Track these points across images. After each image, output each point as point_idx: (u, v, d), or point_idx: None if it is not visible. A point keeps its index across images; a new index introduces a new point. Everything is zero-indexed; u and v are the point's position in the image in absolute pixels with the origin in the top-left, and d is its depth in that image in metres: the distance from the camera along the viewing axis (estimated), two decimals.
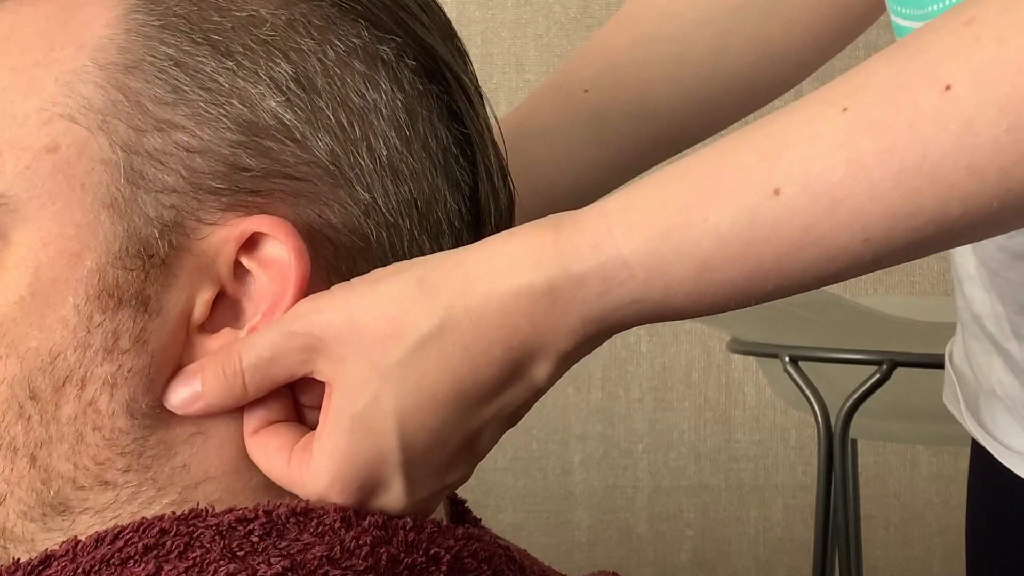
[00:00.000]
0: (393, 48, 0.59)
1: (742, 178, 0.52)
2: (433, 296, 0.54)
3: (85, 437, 0.57)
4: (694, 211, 0.52)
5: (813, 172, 0.51)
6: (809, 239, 0.51)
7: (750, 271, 0.52)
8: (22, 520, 0.58)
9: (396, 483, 0.55)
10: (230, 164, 0.56)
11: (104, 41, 0.57)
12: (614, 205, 0.54)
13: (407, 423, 0.54)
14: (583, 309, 0.54)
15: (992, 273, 0.74)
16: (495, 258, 0.54)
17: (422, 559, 0.55)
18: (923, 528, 2.19)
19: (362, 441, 0.55)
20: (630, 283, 0.53)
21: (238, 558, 0.54)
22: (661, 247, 0.52)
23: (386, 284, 0.55)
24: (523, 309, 0.54)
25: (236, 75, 0.57)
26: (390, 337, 0.54)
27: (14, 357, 0.56)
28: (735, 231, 0.52)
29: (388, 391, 0.54)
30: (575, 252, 0.53)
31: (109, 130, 0.56)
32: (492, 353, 0.54)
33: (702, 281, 0.52)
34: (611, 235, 0.53)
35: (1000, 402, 0.77)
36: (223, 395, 0.56)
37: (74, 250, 0.56)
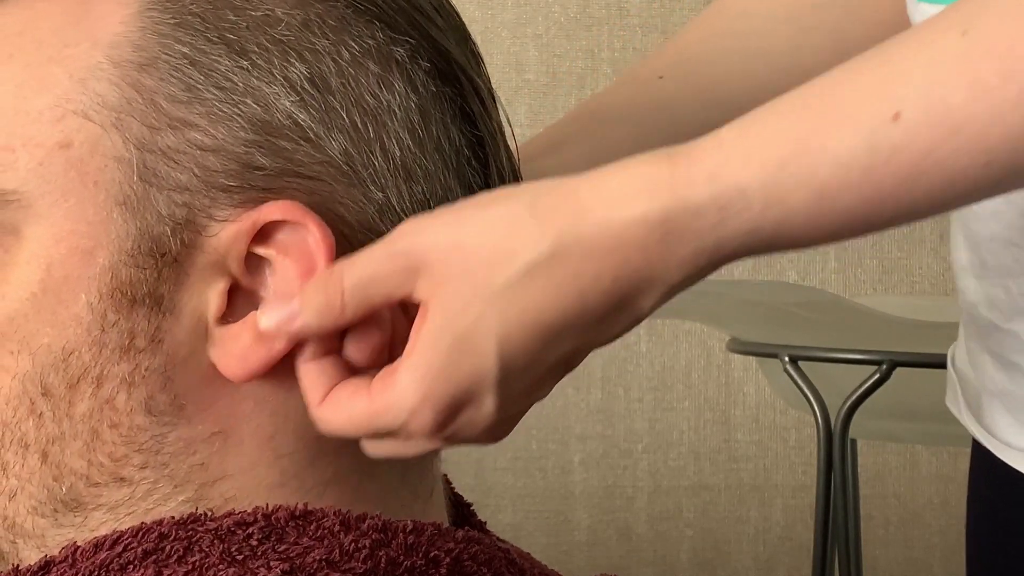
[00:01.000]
0: (407, 49, 0.59)
1: (861, 104, 0.51)
2: (544, 222, 0.53)
3: (101, 434, 0.57)
4: (812, 138, 0.52)
5: (934, 95, 0.50)
6: (929, 164, 0.51)
7: (869, 198, 0.52)
8: (33, 516, 0.58)
9: (488, 401, 0.55)
10: (243, 163, 0.56)
11: (119, 38, 0.57)
12: (729, 135, 0.53)
13: (508, 346, 0.54)
14: (697, 241, 0.53)
15: (1006, 245, 0.73)
16: (609, 187, 0.54)
17: (421, 562, 0.55)
18: (923, 528, 2.19)
19: (460, 361, 0.54)
20: (746, 213, 0.52)
21: (237, 562, 0.54)
22: (778, 176, 0.52)
23: (494, 208, 0.55)
24: (636, 240, 0.53)
25: (251, 74, 0.57)
26: (497, 261, 0.53)
27: (26, 353, 0.56)
28: (854, 157, 0.51)
29: (492, 314, 0.53)
30: (691, 182, 0.53)
31: (123, 127, 0.56)
32: (601, 283, 0.53)
33: (819, 209, 0.52)
34: (728, 164, 0.52)
35: (997, 400, 0.78)
36: (322, 314, 0.55)
37: (86, 247, 0.56)
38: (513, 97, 2.14)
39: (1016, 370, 0.75)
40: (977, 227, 0.75)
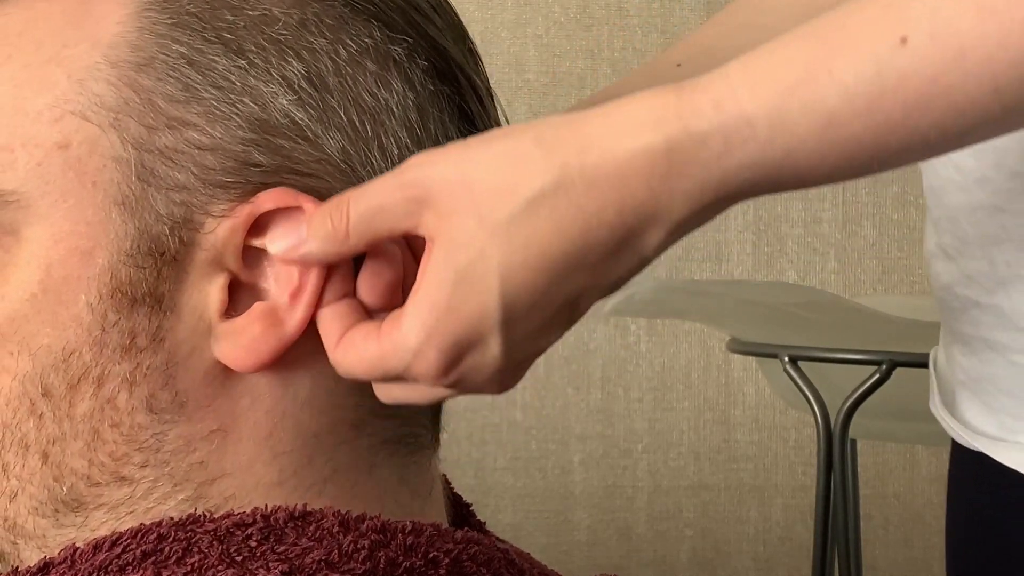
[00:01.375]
0: (405, 48, 0.59)
1: (868, 30, 0.51)
2: (549, 153, 0.53)
3: (102, 434, 0.57)
4: (819, 65, 0.51)
5: (941, 19, 0.50)
6: (938, 90, 0.50)
7: (876, 126, 0.51)
8: (34, 516, 0.58)
9: (493, 342, 0.54)
10: (241, 161, 0.57)
11: (116, 39, 0.57)
12: (736, 66, 0.53)
13: (511, 281, 0.53)
14: (702, 172, 0.52)
15: (993, 212, 0.72)
16: (614, 119, 0.53)
17: (420, 562, 0.55)
18: (922, 528, 2.19)
19: (463, 296, 0.53)
20: (752, 143, 0.52)
21: (236, 563, 0.54)
22: (785, 103, 0.51)
23: (502, 141, 0.54)
24: (641, 170, 0.52)
25: (248, 73, 0.57)
26: (502, 193, 0.53)
27: (26, 354, 0.56)
28: (861, 83, 0.51)
29: (495, 247, 0.53)
30: (696, 111, 0.52)
31: (121, 127, 0.56)
32: (605, 215, 0.53)
33: (826, 139, 0.51)
34: (733, 93, 0.52)
35: (967, 390, 0.78)
36: (326, 241, 0.55)
37: (85, 248, 0.56)
38: (513, 97, 2.14)
39: (989, 348, 0.75)
40: (960, 199, 0.75)
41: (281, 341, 0.57)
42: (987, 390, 0.76)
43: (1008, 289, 0.73)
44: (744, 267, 2.16)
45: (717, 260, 2.17)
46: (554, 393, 2.16)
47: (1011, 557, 0.78)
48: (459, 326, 0.54)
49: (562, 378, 2.16)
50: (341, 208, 0.55)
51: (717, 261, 2.17)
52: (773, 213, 2.18)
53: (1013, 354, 0.73)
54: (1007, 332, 0.73)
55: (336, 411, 0.59)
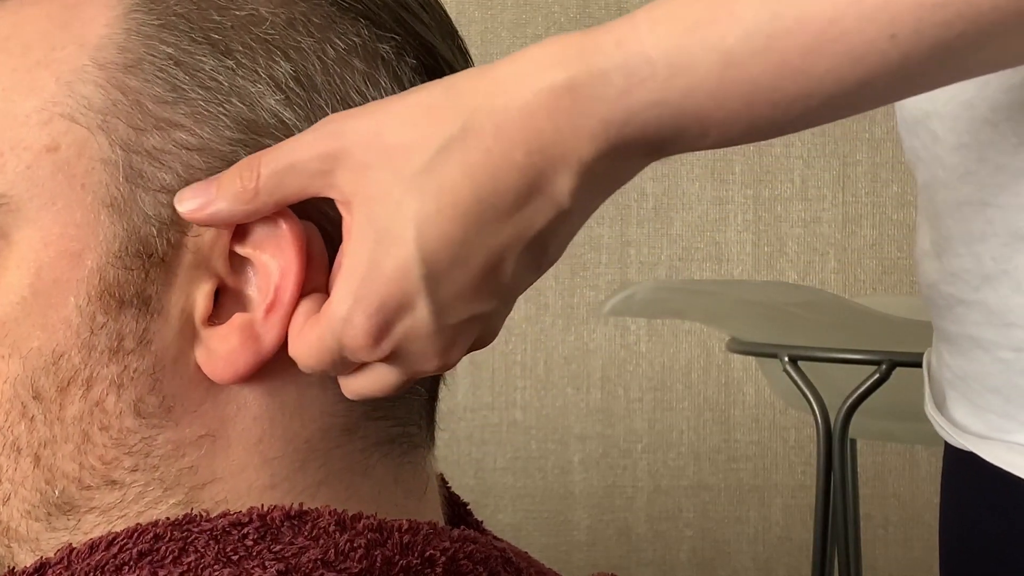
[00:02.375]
0: (393, 46, 0.59)
1: None
2: (458, 100, 0.53)
3: (92, 437, 0.57)
4: (719, 6, 0.51)
5: None
6: (834, 33, 0.50)
7: (774, 69, 0.51)
8: (26, 519, 0.58)
9: (420, 302, 0.54)
10: (229, 162, 0.56)
11: (104, 40, 0.57)
12: (642, 9, 0.53)
13: (427, 232, 0.53)
14: (604, 109, 0.52)
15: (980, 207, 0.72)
16: (521, 61, 0.54)
17: (417, 561, 0.55)
18: (922, 528, 2.19)
19: (384, 253, 0.53)
20: (651, 81, 0.52)
21: (233, 562, 0.54)
22: (685, 42, 0.52)
23: (415, 94, 0.54)
24: (545, 108, 0.52)
25: (236, 74, 0.57)
26: (415, 143, 0.53)
27: (17, 357, 0.56)
28: (759, 25, 0.51)
29: (410, 198, 0.53)
30: (598, 49, 0.53)
31: (109, 129, 0.56)
32: (513, 157, 0.53)
33: (725, 79, 0.52)
34: (635, 32, 0.52)
35: (953, 388, 0.78)
36: (235, 201, 0.55)
37: (75, 250, 0.56)
38: None
39: (976, 346, 0.74)
40: (945, 196, 0.74)
41: (258, 356, 0.57)
42: (974, 388, 0.76)
43: (994, 284, 0.72)
44: (744, 267, 2.16)
45: (717, 260, 2.17)
46: (554, 393, 2.16)
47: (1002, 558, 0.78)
48: (382, 286, 0.54)
49: (562, 378, 2.16)
50: (253, 166, 0.55)
51: (717, 261, 2.17)
52: (773, 213, 2.18)
53: (1000, 351, 0.73)
54: (993, 328, 0.73)
55: (326, 417, 0.59)
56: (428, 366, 0.56)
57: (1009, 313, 0.72)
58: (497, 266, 0.54)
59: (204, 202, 0.55)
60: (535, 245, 0.55)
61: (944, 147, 0.74)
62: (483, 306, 0.55)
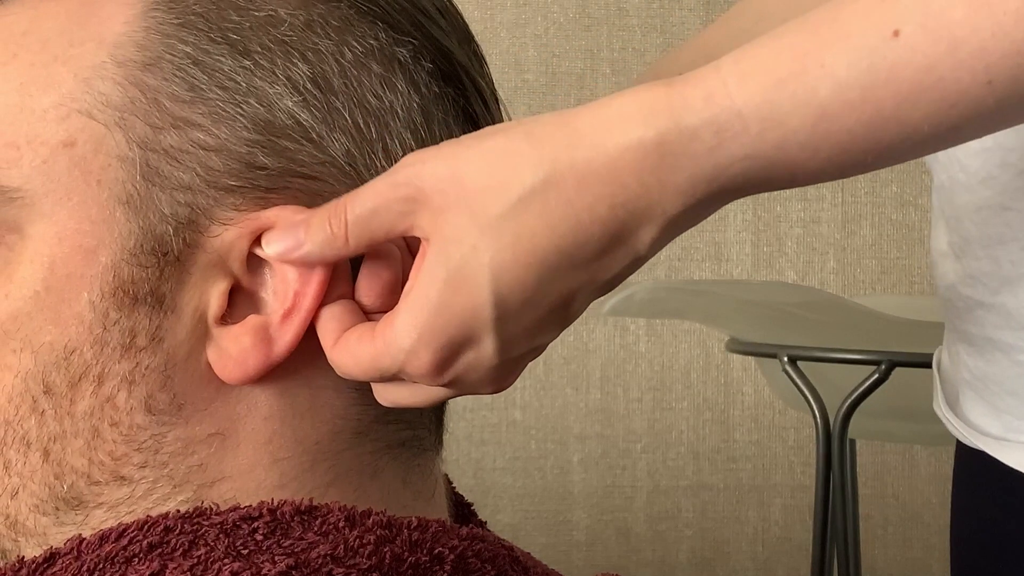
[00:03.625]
0: (410, 50, 0.59)
1: (860, 22, 0.51)
2: (539, 149, 0.53)
3: (102, 433, 0.57)
4: (810, 58, 0.51)
5: (933, 10, 0.50)
6: (930, 81, 0.50)
7: (869, 119, 0.51)
8: (35, 514, 0.58)
9: (487, 340, 0.54)
10: (246, 162, 0.56)
11: (123, 38, 0.57)
12: (728, 59, 0.53)
13: (502, 277, 0.53)
14: (693, 165, 0.52)
15: (998, 211, 0.72)
16: (605, 113, 0.53)
17: (426, 558, 0.55)
18: (921, 528, 2.19)
19: (454, 293, 0.53)
20: (743, 136, 0.51)
21: (242, 556, 0.54)
22: (776, 96, 0.51)
23: (492, 138, 0.54)
24: (631, 164, 0.52)
25: (253, 74, 0.57)
26: (493, 189, 0.53)
27: (28, 351, 0.56)
28: (853, 75, 0.50)
29: (486, 244, 0.53)
30: (686, 105, 0.52)
31: (126, 127, 0.56)
32: (596, 211, 0.53)
33: (818, 132, 0.51)
34: (724, 86, 0.52)
35: (971, 389, 0.77)
36: (325, 245, 0.55)
37: (89, 246, 0.56)
38: (512, 97, 2.14)
39: (995, 348, 0.75)
40: (965, 199, 0.75)
41: (268, 359, 0.57)
42: (992, 390, 0.76)
43: (1014, 288, 0.73)
44: (743, 267, 2.16)
45: (716, 260, 2.17)
46: (553, 393, 2.16)
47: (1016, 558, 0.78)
48: (451, 324, 0.54)
49: (561, 378, 2.16)
50: (339, 212, 0.55)
51: (716, 261, 2.17)
52: (772, 213, 2.18)
53: (1018, 354, 0.73)
54: (1012, 332, 0.73)
55: (338, 420, 0.59)
56: (483, 391, 0.57)
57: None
58: (568, 305, 0.55)
59: (293, 245, 0.56)
60: (605, 285, 0.55)
61: (965, 151, 0.74)
62: (545, 339, 0.56)
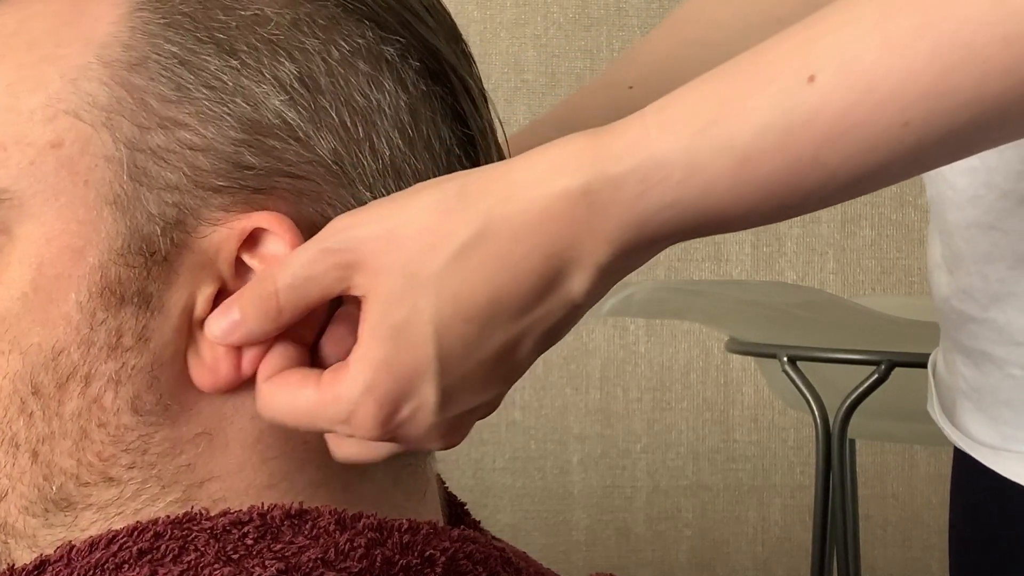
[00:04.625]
0: (397, 49, 0.59)
1: (778, 68, 0.51)
2: (473, 204, 0.54)
3: (89, 433, 0.57)
4: (729, 105, 0.51)
5: (847, 55, 0.50)
6: (847, 125, 0.50)
7: (789, 164, 0.51)
8: (24, 516, 0.58)
9: (428, 392, 0.55)
10: (233, 162, 0.56)
11: (109, 38, 0.57)
12: (651, 108, 0.53)
13: (444, 333, 0.54)
14: (620, 214, 0.53)
15: (986, 230, 0.72)
16: (535, 166, 0.54)
17: (417, 561, 0.55)
18: (921, 528, 2.19)
19: (399, 350, 0.54)
20: (667, 183, 0.52)
21: (233, 561, 0.54)
22: (698, 142, 0.52)
23: (425, 195, 0.55)
24: (561, 214, 0.53)
25: (240, 74, 0.57)
26: (429, 247, 0.53)
27: (16, 353, 0.56)
28: (771, 122, 0.51)
29: (426, 301, 0.54)
30: (611, 154, 0.53)
31: (113, 127, 0.56)
32: (530, 261, 0.53)
33: (740, 178, 0.52)
34: (647, 135, 0.52)
35: (968, 399, 0.77)
36: (260, 319, 0.56)
37: (77, 246, 0.56)
38: (512, 97, 2.14)
39: (988, 361, 0.75)
40: (955, 216, 0.75)
41: (237, 372, 0.57)
42: (988, 401, 0.76)
43: (1002, 304, 0.73)
44: (743, 267, 2.16)
45: (716, 260, 2.17)
46: (553, 393, 2.16)
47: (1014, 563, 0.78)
48: (397, 379, 0.54)
49: (561, 378, 2.16)
50: (267, 284, 0.55)
51: (716, 261, 2.17)
52: None
53: (1010, 367, 0.73)
54: (1003, 346, 0.73)
55: None
56: (430, 446, 0.57)
57: (1018, 333, 0.72)
58: (508, 358, 0.55)
59: (232, 325, 0.56)
60: (546, 336, 0.56)
61: (952, 169, 0.74)
62: (489, 394, 0.56)
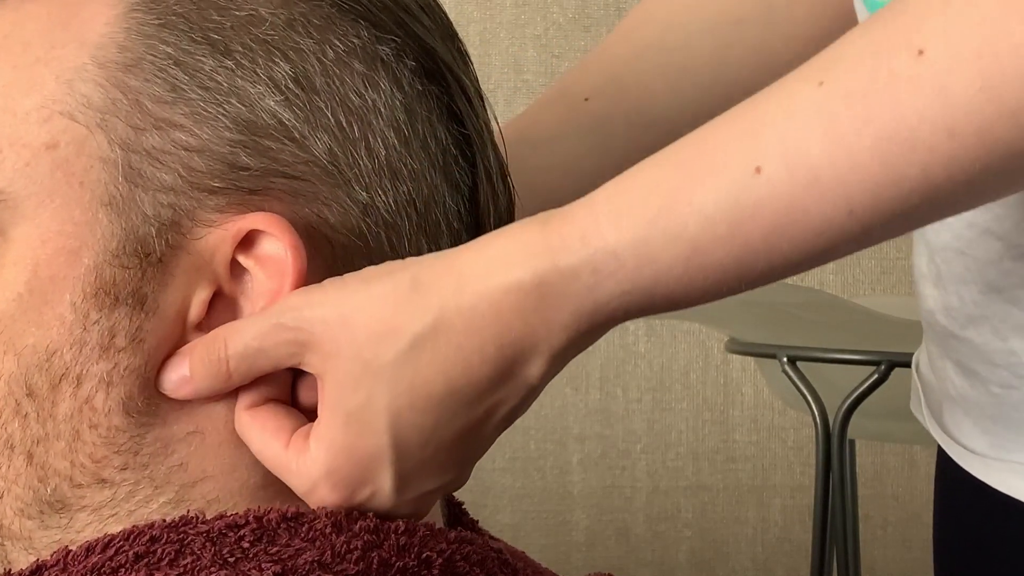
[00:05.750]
0: (393, 48, 0.59)
1: (724, 158, 0.52)
2: (426, 296, 0.54)
3: (82, 435, 0.57)
4: (679, 194, 0.52)
5: (792, 147, 0.50)
6: (794, 215, 0.51)
7: (739, 252, 0.52)
8: (19, 517, 0.58)
9: (385, 481, 0.55)
10: (228, 163, 0.56)
11: (104, 39, 0.57)
12: (600, 196, 0.54)
13: (399, 422, 0.54)
14: (574, 303, 0.53)
15: (957, 254, 0.73)
16: (486, 256, 0.54)
17: (414, 563, 0.55)
18: (921, 528, 2.19)
19: (356, 438, 0.55)
20: (620, 273, 0.53)
21: (229, 564, 0.54)
22: (649, 233, 0.52)
23: (379, 283, 0.55)
24: (514, 306, 0.54)
25: (235, 74, 0.57)
26: (383, 336, 0.54)
27: (11, 354, 0.56)
28: (720, 212, 0.51)
29: (381, 390, 0.54)
30: (563, 245, 0.53)
31: (108, 128, 0.56)
32: (484, 352, 0.54)
33: (692, 266, 0.52)
34: (598, 226, 0.53)
35: (958, 405, 0.77)
36: (209, 380, 0.56)
37: (72, 248, 0.56)
38: (512, 97, 2.14)
39: (975, 377, 0.75)
40: (932, 236, 0.75)
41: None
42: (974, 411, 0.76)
43: (976, 326, 0.73)
44: None
45: None
46: (552, 393, 2.16)
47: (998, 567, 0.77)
48: (354, 465, 0.55)
49: (560, 378, 2.15)
50: (217, 347, 0.56)
51: None
52: None
53: (990, 385, 0.74)
54: (982, 364, 0.74)
55: None
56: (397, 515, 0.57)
57: (993, 355, 0.72)
58: (467, 440, 0.56)
59: (182, 380, 0.57)
60: (505, 418, 0.56)
61: None
62: (450, 475, 0.57)
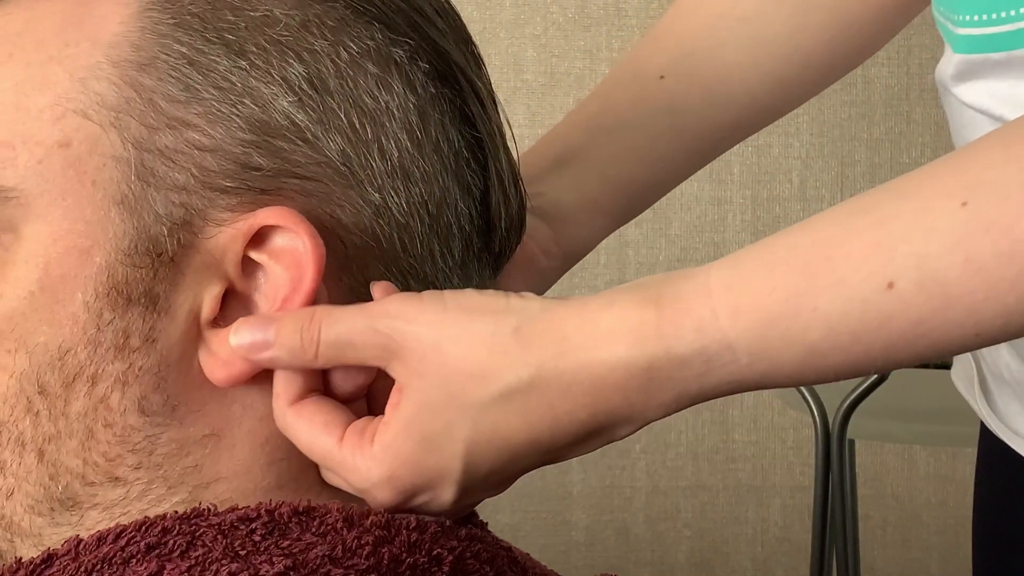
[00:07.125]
0: (406, 50, 0.59)
1: (854, 268, 0.51)
2: (526, 350, 0.54)
3: (95, 433, 0.57)
4: (803, 299, 0.52)
5: (929, 268, 0.50)
6: (919, 332, 0.51)
7: (856, 359, 0.52)
8: (29, 514, 0.58)
9: (447, 493, 0.56)
10: (241, 163, 0.56)
11: (118, 38, 0.57)
12: (718, 284, 0.53)
13: (474, 454, 0.55)
14: (680, 387, 0.54)
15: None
16: (593, 326, 0.54)
17: (424, 559, 0.55)
18: (920, 528, 2.19)
19: (427, 454, 0.55)
20: (732, 366, 0.53)
21: (240, 557, 0.54)
22: (768, 333, 0.52)
23: (481, 322, 0.55)
24: (617, 383, 0.54)
25: (249, 75, 0.57)
26: (474, 377, 0.54)
27: (23, 352, 0.56)
28: (845, 322, 0.51)
29: (462, 424, 0.55)
30: (677, 333, 0.53)
31: (121, 127, 0.56)
32: (576, 416, 0.55)
33: (806, 366, 0.53)
34: (715, 318, 0.53)
35: (1009, 387, 0.77)
36: (292, 355, 0.56)
37: (84, 246, 0.56)
38: (511, 97, 2.14)
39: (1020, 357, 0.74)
40: None
41: (253, 366, 0.57)
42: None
43: None
44: None
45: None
46: None
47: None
48: (420, 477, 0.56)
49: None
50: (313, 328, 0.56)
51: None
52: (772, 214, 2.18)
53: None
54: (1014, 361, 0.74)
55: None
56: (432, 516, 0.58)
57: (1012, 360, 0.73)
58: (527, 471, 0.57)
59: (260, 343, 0.56)
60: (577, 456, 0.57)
61: None
62: (500, 491, 0.58)
